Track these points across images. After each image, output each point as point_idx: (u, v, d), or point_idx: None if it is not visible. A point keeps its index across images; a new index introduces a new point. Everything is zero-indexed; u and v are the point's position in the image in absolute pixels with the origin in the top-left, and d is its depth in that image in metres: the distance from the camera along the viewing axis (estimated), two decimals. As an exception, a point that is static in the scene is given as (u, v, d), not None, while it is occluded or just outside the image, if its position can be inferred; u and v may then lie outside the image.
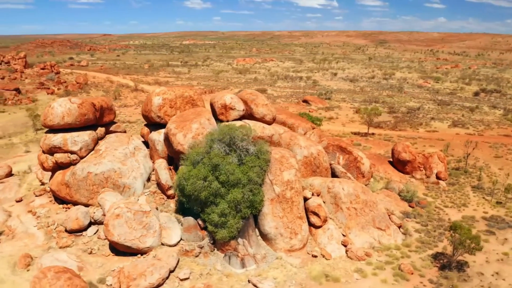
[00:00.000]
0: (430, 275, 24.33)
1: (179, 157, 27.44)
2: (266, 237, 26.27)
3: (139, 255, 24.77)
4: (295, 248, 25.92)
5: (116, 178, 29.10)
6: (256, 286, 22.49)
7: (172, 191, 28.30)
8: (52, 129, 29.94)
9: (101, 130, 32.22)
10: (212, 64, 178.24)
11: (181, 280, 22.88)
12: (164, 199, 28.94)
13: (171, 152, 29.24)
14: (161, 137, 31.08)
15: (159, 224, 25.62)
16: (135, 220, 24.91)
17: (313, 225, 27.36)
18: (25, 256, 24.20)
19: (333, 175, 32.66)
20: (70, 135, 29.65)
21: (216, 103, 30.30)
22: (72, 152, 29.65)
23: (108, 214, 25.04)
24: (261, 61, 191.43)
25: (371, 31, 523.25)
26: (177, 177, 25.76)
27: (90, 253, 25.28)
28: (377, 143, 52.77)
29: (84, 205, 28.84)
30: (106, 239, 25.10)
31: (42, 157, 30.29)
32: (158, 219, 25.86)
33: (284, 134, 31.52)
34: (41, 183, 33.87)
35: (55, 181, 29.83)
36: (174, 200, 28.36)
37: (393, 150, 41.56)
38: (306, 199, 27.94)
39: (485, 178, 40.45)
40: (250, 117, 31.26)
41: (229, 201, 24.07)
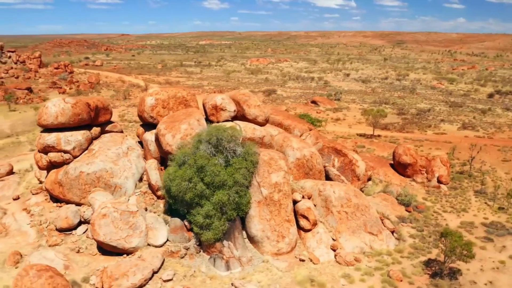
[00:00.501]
0: (419, 283, 23.54)
1: (168, 157, 27.41)
2: (253, 240, 25.96)
3: (125, 255, 24.80)
4: (282, 251, 25.52)
5: (108, 177, 29.27)
6: (238, 289, 22.24)
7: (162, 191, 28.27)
8: (47, 129, 30.31)
9: (96, 130, 32.46)
10: (225, 64, 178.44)
11: (164, 281, 22.76)
12: (154, 199, 28.95)
13: (161, 152, 29.26)
14: (153, 137, 31.12)
15: (146, 225, 25.61)
16: (121, 220, 24.97)
17: (302, 228, 26.88)
18: (14, 253, 24.56)
19: (327, 177, 32.08)
20: (63, 134, 29.96)
21: (207, 103, 30.16)
22: (65, 152, 29.96)
23: (95, 213, 25.20)
24: (275, 61, 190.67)
25: (388, 32, 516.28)
26: (163, 178, 25.73)
27: (78, 252, 25.43)
28: (382, 145, 51.78)
29: (77, 204, 29.15)
30: (93, 238, 25.24)
31: (37, 156, 30.76)
32: (145, 220, 25.85)
33: (277, 136, 31.15)
34: (39, 181, 34.31)
35: (49, 180, 30.22)
36: (164, 201, 28.33)
37: (394, 152, 40.70)
38: (295, 202, 27.43)
39: (489, 183, 39.10)
40: (243, 118, 30.99)
41: (214, 202, 23.84)
